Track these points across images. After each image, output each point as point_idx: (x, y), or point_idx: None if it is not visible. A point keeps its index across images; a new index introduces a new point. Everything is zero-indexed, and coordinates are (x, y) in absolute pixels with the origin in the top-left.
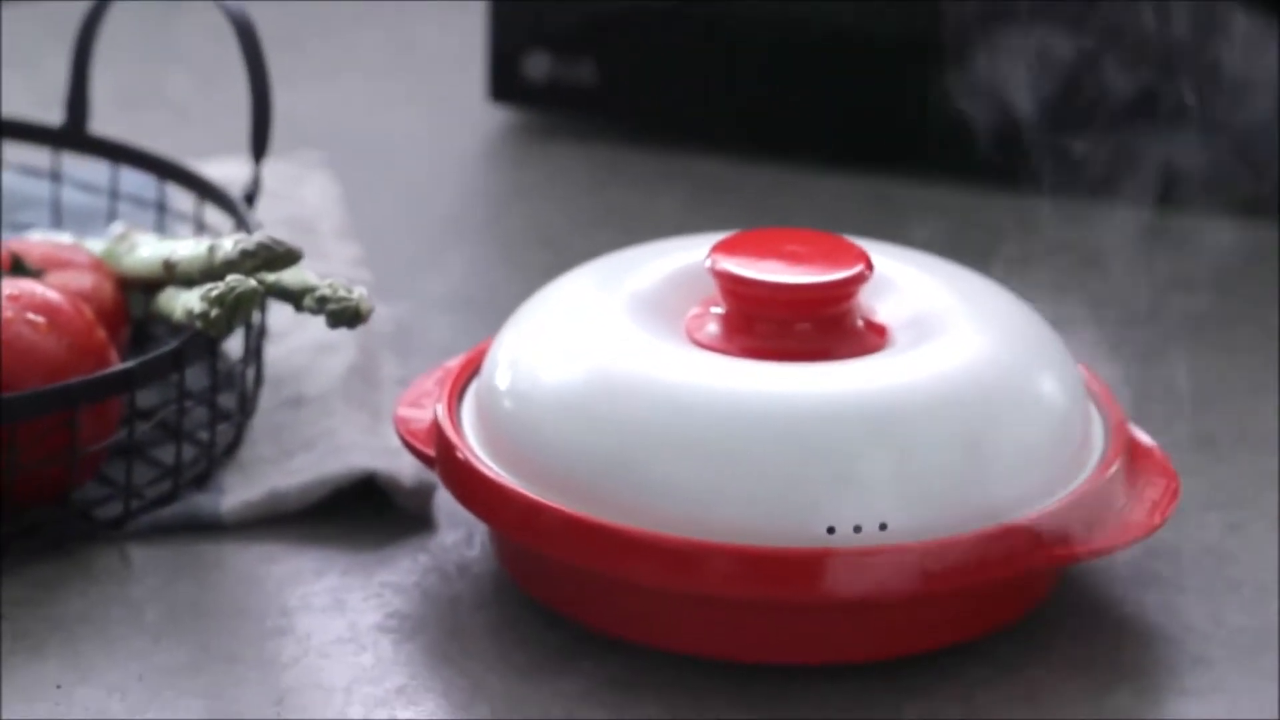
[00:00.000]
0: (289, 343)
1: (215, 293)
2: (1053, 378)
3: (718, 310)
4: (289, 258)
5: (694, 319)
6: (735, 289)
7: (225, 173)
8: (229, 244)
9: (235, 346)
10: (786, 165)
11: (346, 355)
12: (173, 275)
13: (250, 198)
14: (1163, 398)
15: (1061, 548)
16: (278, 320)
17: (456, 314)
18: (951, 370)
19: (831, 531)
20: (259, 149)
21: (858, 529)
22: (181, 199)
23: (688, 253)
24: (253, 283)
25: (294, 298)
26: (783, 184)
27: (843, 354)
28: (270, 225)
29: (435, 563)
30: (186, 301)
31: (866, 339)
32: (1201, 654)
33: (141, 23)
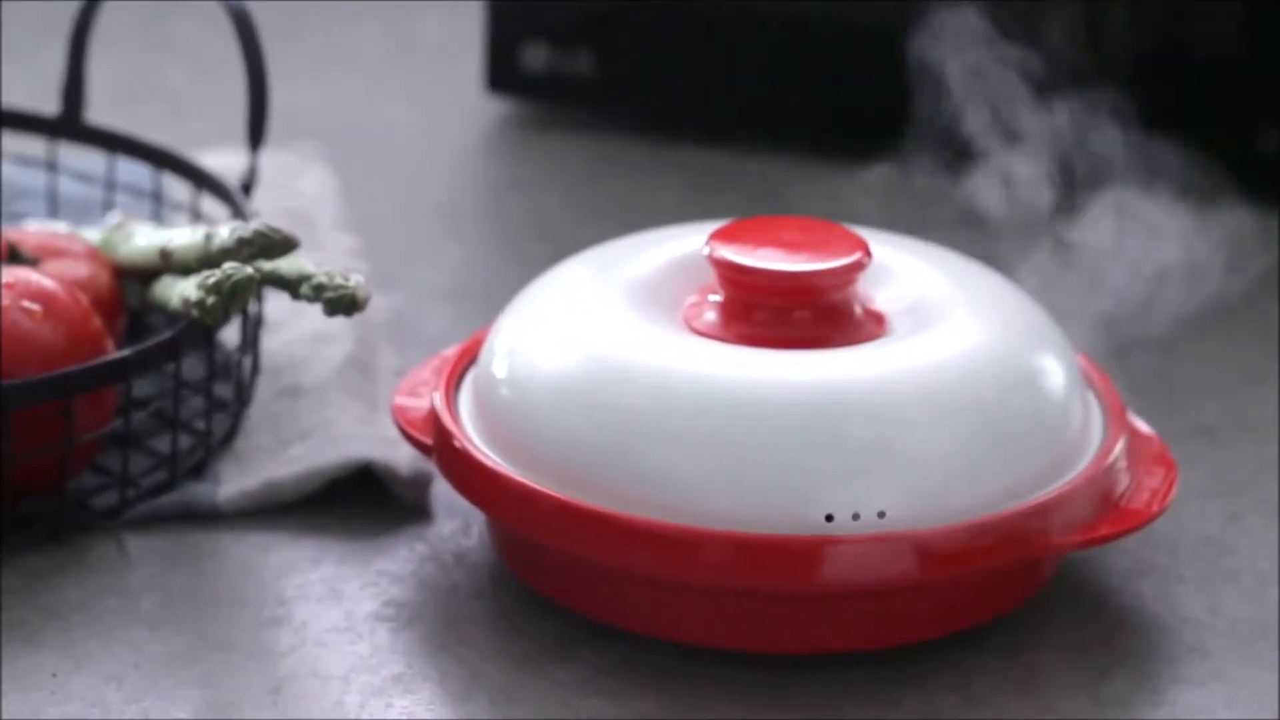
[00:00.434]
0: (286, 333)
1: (212, 280)
2: (1051, 366)
3: (715, 298)
4: (285, 245)
5: (692, 307)
6: (733, 277)
7: (222, 163)
8: (225, 232)
9: (232, 336)
10: (784, 155)
11: (343, 345)
12: (169, 264)
13: (247, 187)
14: (1161, 387)
15: (1059, 536)
16: (275, 310)
17: (453, 304)
18: (950, 358)
19: (829, 519)
20: (255, 139)
21: (856, 517)
22: (178, 189)
23: (685, 241)
24: (249, 270)
25: (290, 286)
26: (780, 174)
27: (841, 342)
28: (267, 216)
29: (432, 552)
30: (183, 290)
31: (865, 327)
32: (1199, 643)
33: (139, 13)
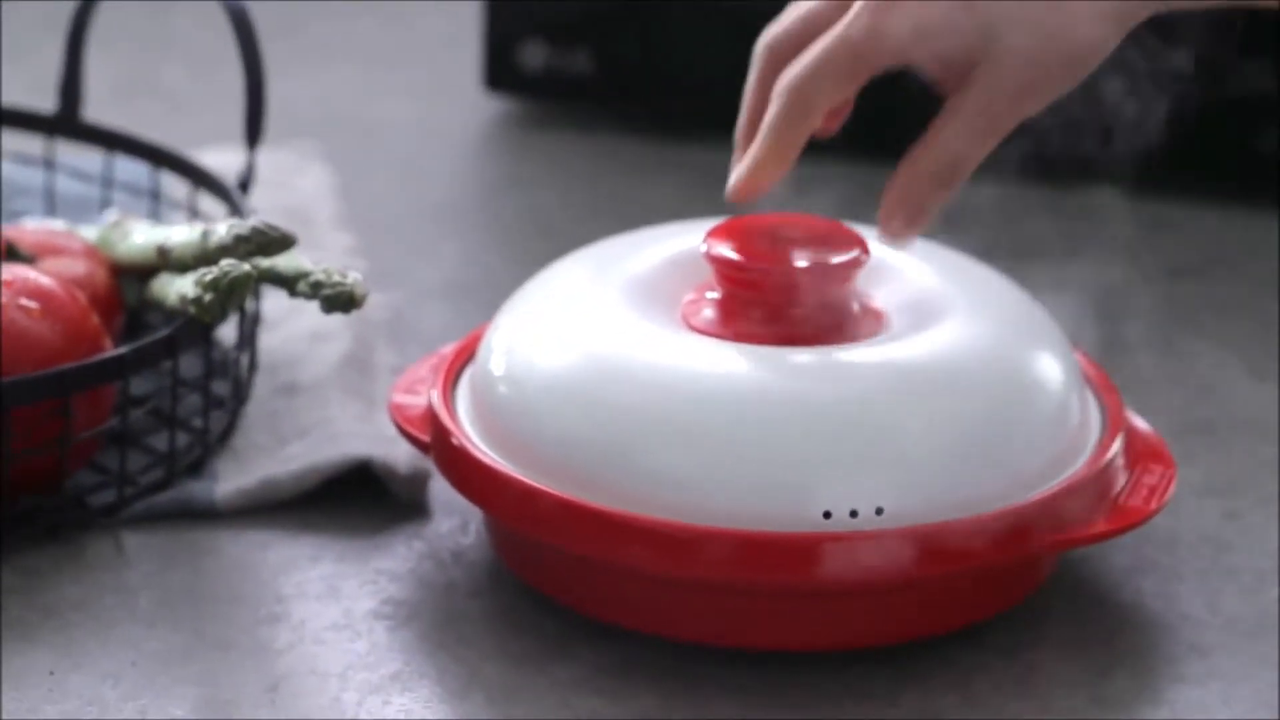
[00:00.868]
0: (284, 330)
1: (209, 277)
2: (1049, 363)
3: (713, 295)
4: (283, 242)
5: (690, 304)
6: (731, 274)
7: (220, 161)
8: (223, 229)
9: (229, 334)
10: None
11: (341, 343)
12: (166, 261)
13: (244, 185)
14: (1160, 384)
15: (1058, 534)
16: (272, 308)
17: (451, 302)
18: (948, 356)
19: (827, 516)
20: (253, 136)
21: (854, 514)
22: (175, 187)
23: (683, 238)
24: (246, 267)
25: (288, 283)
26: None
27: (839, 339)
28: (265, 214)
29: (430, 549)
30: (180, 287)
31: (863, 324)
32: (1198, 641)
33: (136, 11)
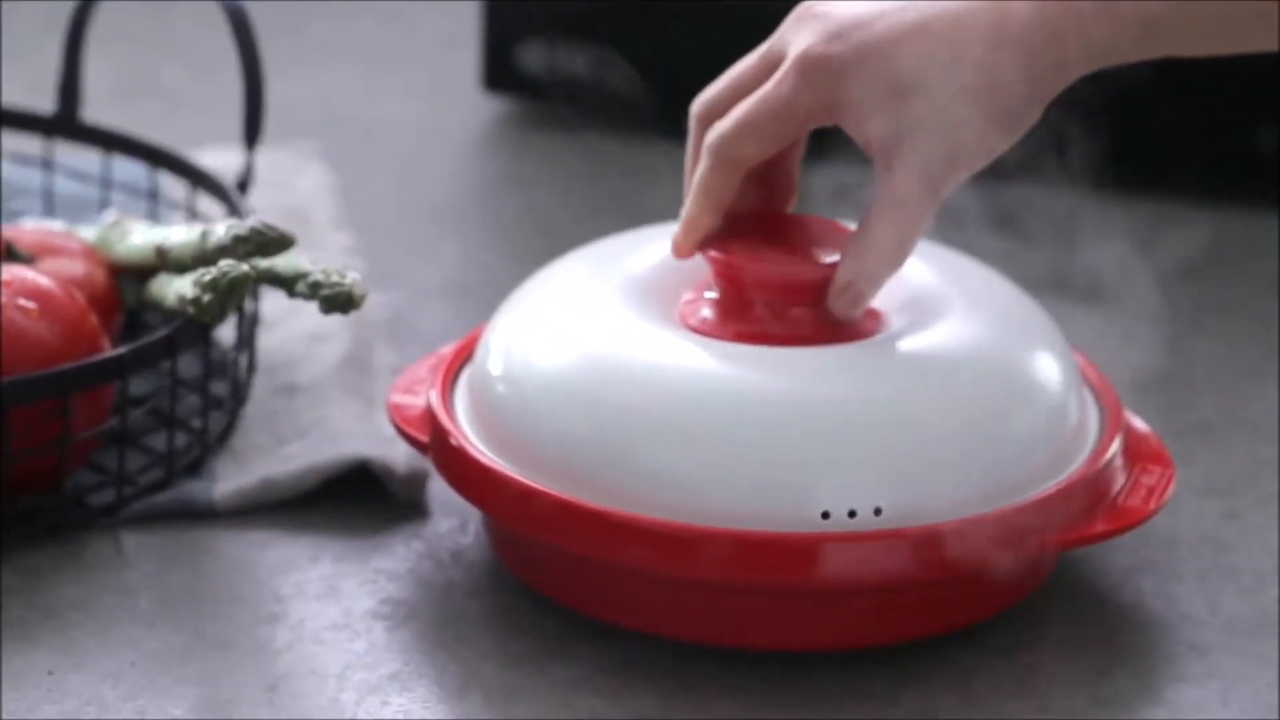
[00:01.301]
0: (283, 330)
1: (208, 278)
2: (1048, 364)
3: (711, 295)
4: (282, 243)
5: (687, 304)
6: (729, 273)
7: (218, 161)
8: (222, 229)
9: (228, 334)
10: None
11: (340, 343)
12: (165, 262)
13: (243, 185)
14: (1159, 384)
15: (1057, 534)
16: (271, 308)
17: (450, 302)
18: (946, 355)
19: (826, 517)
20: (252, 136)
21: (852, 514)
22: (174, 187)
23: None
24: (245, 268)
25: (286, 283)
26: None
27: (837, 339)
28: (264, 214)
29: (429, 549)
30: (179, 287)
31: (861, 324)
32: (1197, 641)
33: (135, 12)
